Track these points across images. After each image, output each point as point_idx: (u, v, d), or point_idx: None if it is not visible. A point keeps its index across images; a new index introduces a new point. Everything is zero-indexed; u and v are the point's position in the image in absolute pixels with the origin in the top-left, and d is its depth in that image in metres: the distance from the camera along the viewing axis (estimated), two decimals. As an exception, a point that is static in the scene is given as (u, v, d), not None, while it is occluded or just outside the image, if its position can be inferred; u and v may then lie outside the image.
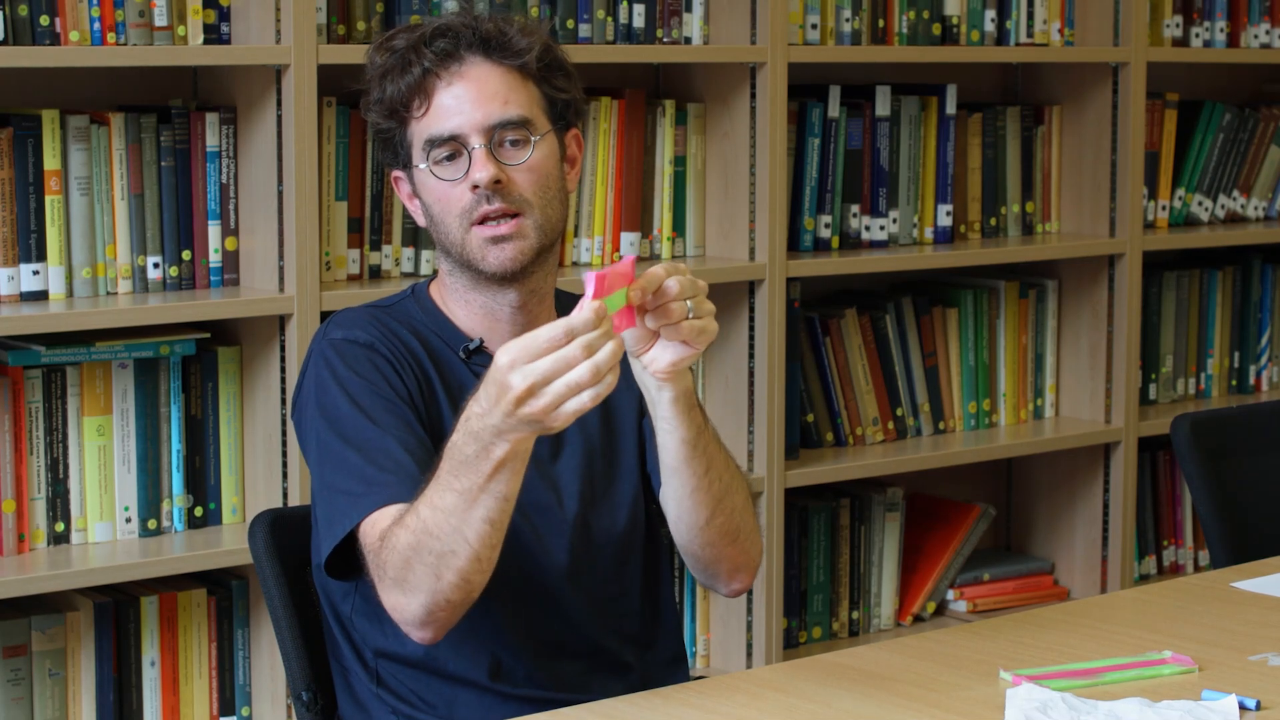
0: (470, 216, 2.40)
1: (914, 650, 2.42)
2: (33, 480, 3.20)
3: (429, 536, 2.20)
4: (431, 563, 2.20)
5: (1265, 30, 4.58)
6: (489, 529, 2.19)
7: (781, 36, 3.76)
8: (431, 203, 2.43)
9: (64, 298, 3.21)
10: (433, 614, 2.25)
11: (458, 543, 2.19)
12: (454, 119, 2.40)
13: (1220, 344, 4.65)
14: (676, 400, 2.30)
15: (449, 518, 2.18)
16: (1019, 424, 4.34)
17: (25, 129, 3.16)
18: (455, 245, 2.42)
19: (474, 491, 2.17)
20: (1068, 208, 4.38)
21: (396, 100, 2.42)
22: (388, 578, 2.25)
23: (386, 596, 2.26)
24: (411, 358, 2.43)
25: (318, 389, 2.40)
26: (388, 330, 2.44)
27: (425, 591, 2.22)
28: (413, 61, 2.41)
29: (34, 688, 3.18)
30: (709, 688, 2.34)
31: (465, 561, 2.20)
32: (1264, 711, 2.19)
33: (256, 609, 3.35)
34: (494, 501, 2.17)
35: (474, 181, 2.39)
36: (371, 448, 2.33)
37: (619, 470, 2.51)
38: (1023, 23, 4.21)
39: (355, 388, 2.37)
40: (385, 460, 2.32)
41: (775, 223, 3.79)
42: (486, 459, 2.15)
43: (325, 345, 2.42)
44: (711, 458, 2.36)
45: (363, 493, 2.31)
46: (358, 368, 2.39)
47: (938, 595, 4.25)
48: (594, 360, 2.06)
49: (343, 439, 2.35)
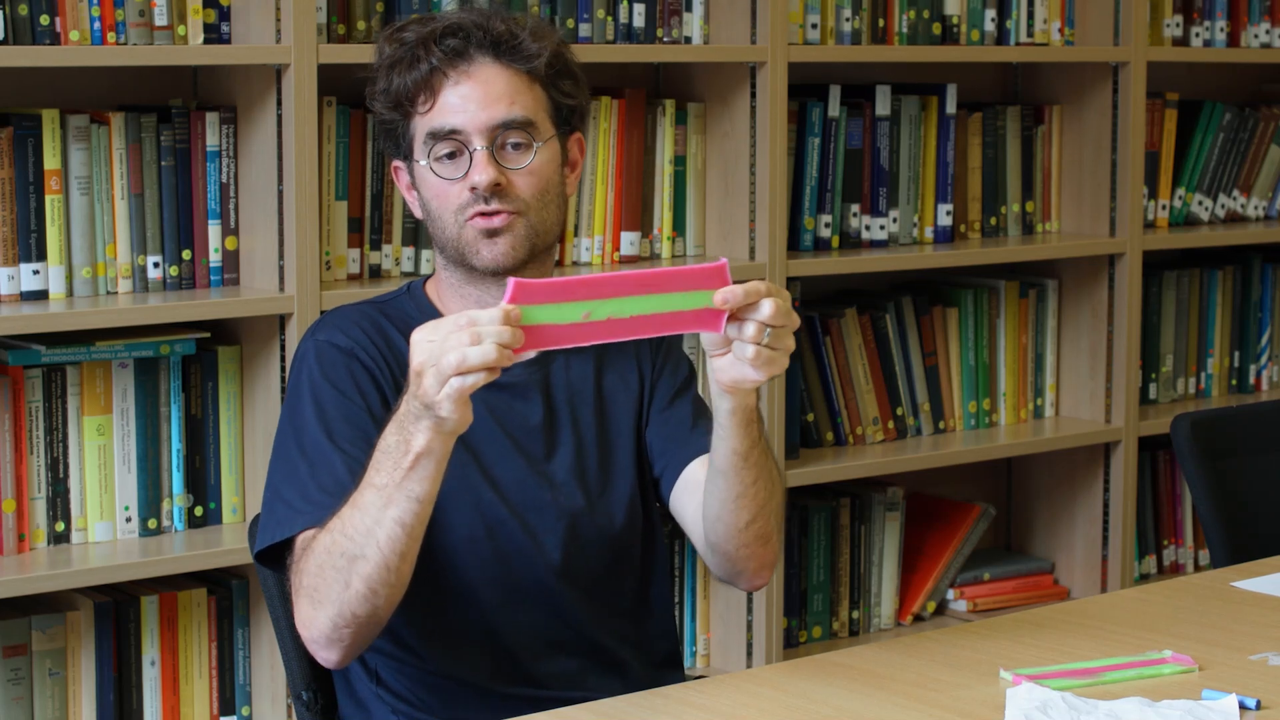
0: (466, 211, 2.41)
1: (914, 650, 2.42)
2: (33, 480, 3.20)
3: (344, 537, 2.21)
4: (342, 567, 2.22)
5: (1265, 30, 4.58)
6: (400, 532, 2.19)
7: (781, 36, 3.76)
8: (430, 198, 2.44)
9: (64, 297, 3.21)
10: (338, 629, 2.25)
11: (369, 546, 2.20)
12: (458, 117, 2.40)
13: (1220, 344, 4.65)
14: (734, 413, 2.30)
15: (364, 516, 2.20)
16: (1019, 424, 4.34)
17: (25, 129, 3.16)
18: (450, 240, 2.43)
19: (390, 488, 2.18)
20: (1068, 207, 4.38)
21: (402, 93, 2.42)
22: (302, 588, 2.27)
23: (298, 611, 2.28)
24: (395, 362, 2.42)
25: (293, 388, 2.43)
26: (376, 331, 2.45)
27: (333, 602, 2.23)
28: (421, 56, 2.41)
29: (34, 688, 3.18)
30: (709, 688, 2.34)
31: (374, 568, 2.21)
32: (1264, 711, 2.19)
33: (256, 609, 3.35)
34: (407, 502, 2.18)
35: (473, 183, 2.39)
36: (321, 464, 2.35)
37: (614, 469, 2.51)
38: (1023, 22, 4.21)
39: (325, 396, 2.39)
40: (328, 480, 2.33)
41: (775, 222, 3.79)
42: (405, 451, 2.16)
43: (310, 344, 2.44)
44: (760, 470, 2.36)
45: (300, 510, 2.33)
46: (332, 375, 2.40)
47: (938, 595, 4.25)
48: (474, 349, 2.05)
49: (299, 446, 2.37)
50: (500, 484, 2.44)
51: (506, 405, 2.46)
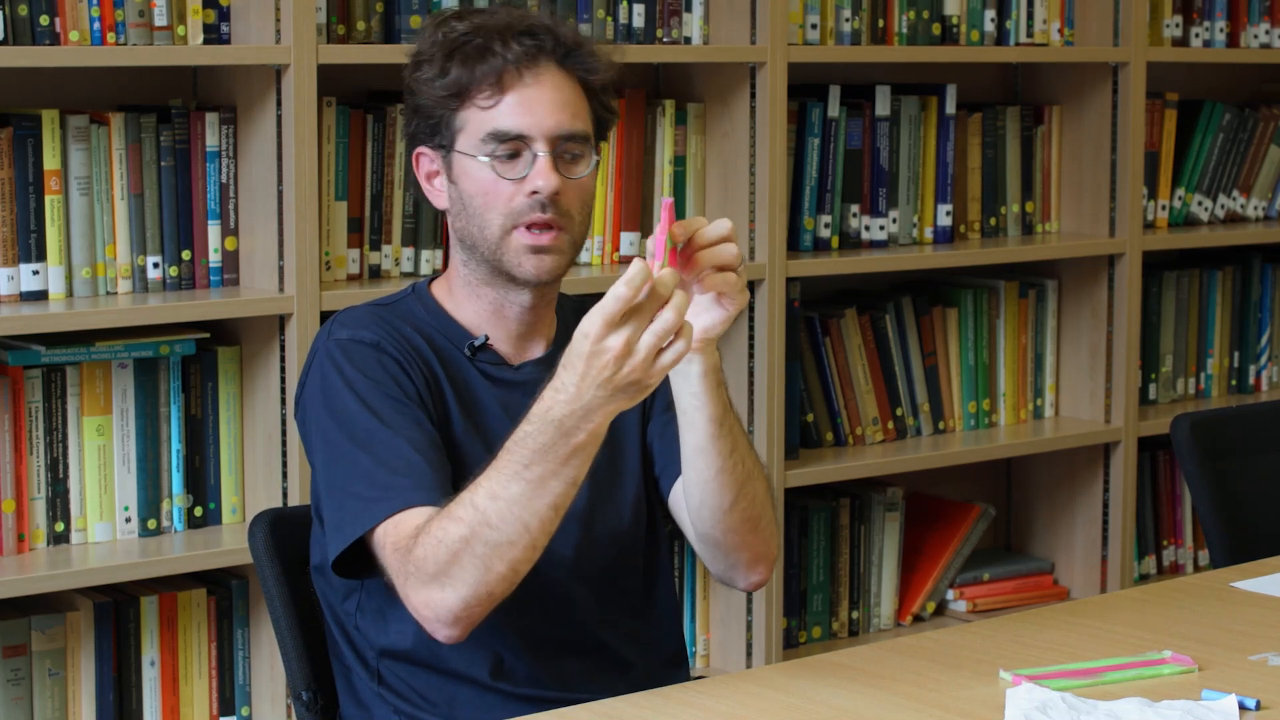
0: (518, 219, 2.38)
1: (914, 650, 2.42)
2: (32, 480, 3.20)
3: (486, 527, 2.19)
4: (483, 554, 2.20)
5: (1265, 30, 4.59)
6: (553, 515, 2.20)
7: (781, 36, 3.76)
8: (474, 193, 2.40)
9: (64, 297, 3.21)
10: (469, 608, 2.24)
11: (518, 531, 2.19)
12: (525, 119, 2.37)
13: (1220, 344, 4.65)
14: (706, 375, 2.30)
15: (512, 506, 2.18)
16: (1019, 424, 4.34)
17: (25, 129, 3.16)
18: (488, 242, 2.40)
19: (546, 478, 2.17)
20: (1068, 208, 4.38)
21: (463, 83, 2.38)
22: (425, 573, 2.23)
23: (418, 593, 2.24)
24: (418, 355, 2.42)
25: (324, 390, 2.38)
26: (392, 328, 2.43)
27: (469, 584, 2.21)
28: (493, 50, 2.37)
29: (34, 688, 3.18)
30: (709, 688, 2.34)
31: (521, 551, 2.20)
32: (1264, 711, 2.19)
33: (256, 609, 3.35)
34: (563, 486, 2.18)
35: (535, 188, 2.37)
36: (383, 450, 2.32)
37: (622, 469, 2.51)
38: (1022, 23, 4.21)
39: (363, 388, 2.36)
40: (398, 462, 2.31)
41: (775, 222, 3.79)
42: (566, 444, 2.15)
43: (331, 345, 2.40)
44: (736, 438, 2.36)
45: (377, 497, 2.30)
46: (365, 368, 2.37)
47: (937, 595, 4.25)
48: (674, 302, 2.08)
49: (352, 440, 2.34)
50: None
51: (520, 403, 2.44)
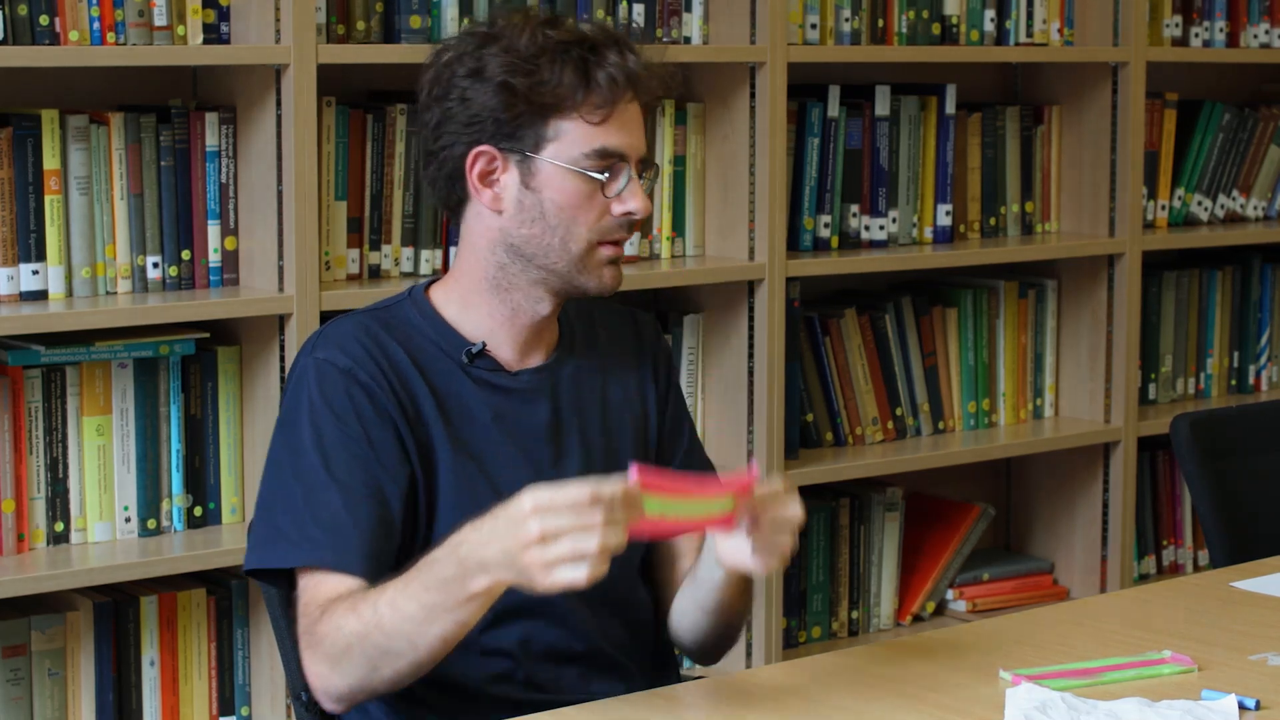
0: (605, 236, 2.38)
1: (914, 650, 2.42)
2: (32, 480, 3.20)
3: (379, 631, 2.20)
4: (372, 655, 2.22)
5: (1265, 30, 4.58)
6: (440, 646, 2.20)
7: (781, 36, 3.76)
8: (563, 205, 2.36)
9: (63, 297, 3.21)
10: (354, 693, 2.27)
11: (405, 647, 2.20)
12: (626, 139, 2.37)
13: (1220, 344, 4.65)
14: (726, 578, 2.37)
15: (405, 623, 2.19)
16: (1019, 424, 4.34)
17: (25, 129, 3.16)
18: (568, 253, 2.38)
19: (439, 610, 2.17)
20: (1067, 208, 4.38)
21: (570, 92, 2.34)
22: (320, 650, 2.26)
23: (311, 664, 2.27)
24: (397, 376, 2.38)
25: (290, 408, 2.38)
26: (375, 344, 2.39)
27: (355, 676, 2.24)
28: (601, 63, 2.35)
29: (34, 688, 3.18)
30: (709, 688, 2.34)
31: (407, 665, 2.22)
32: (1264, 711, 2.19)
33: (256, 609, 3.35)
34: (454, 626, 2.18)
35: (631, 209, 2.37)
36: (317, 496, 2.32)
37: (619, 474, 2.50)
38: (1022, 23, 4.21)
39: (323, 420, 2.34)
40: (325, 515, 2.31)
41: (775, 222, 3.79)
42: (462, 587, 2.15)
43: (309, 363, 2.39)
44: (735, 598, 2.42)
45: (296, 542, 2.31)
46: (331, 398, 2.35)
47: (937, 595, 4.25)
48: (605, 537, 2.05)
49: (295, 471, 2.34)
50: (505, 493, 2.41)
51: (514, 411, 2.44)
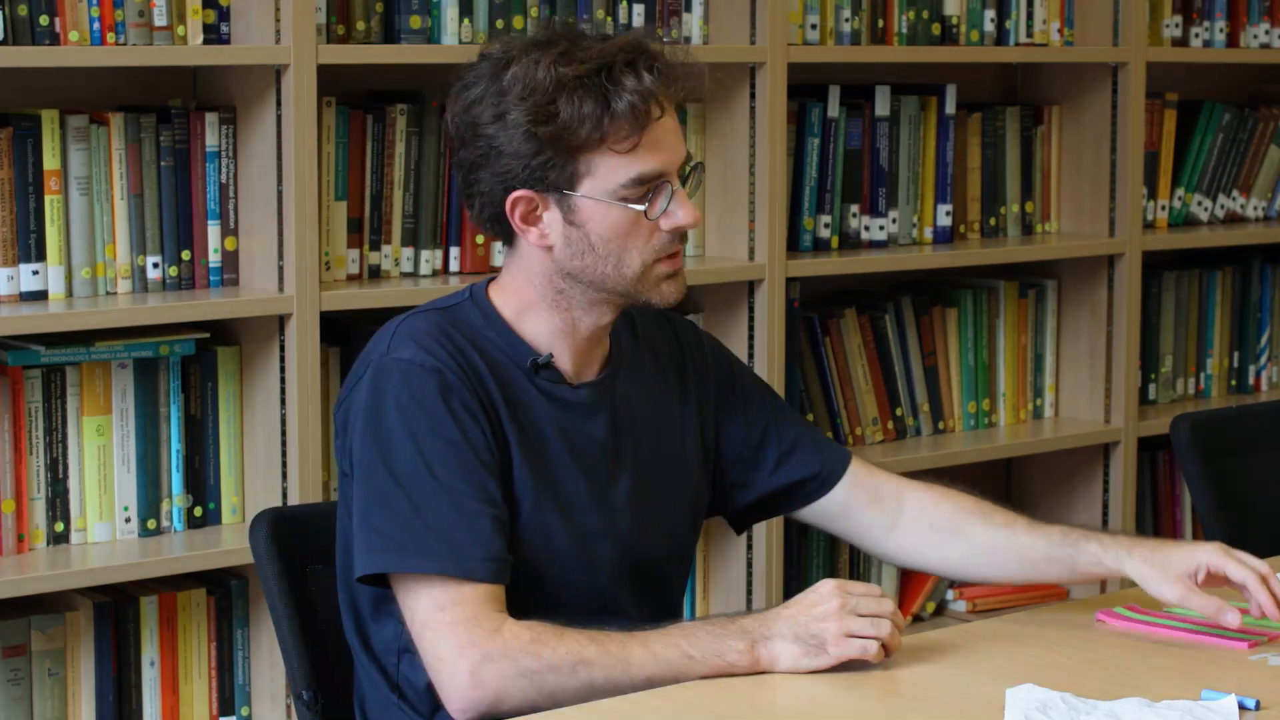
0: (659, 254, 2.33)
1: (914, 650, 2.42)
2: (32, 480, 3.20)
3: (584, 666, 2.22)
4: (549, 688, 2.21)
5: (1265, 30, 4.58)
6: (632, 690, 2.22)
7: (781, 36, 3.76)
8: (610, 237, 2.31)
9: (64, 297, 3.21)
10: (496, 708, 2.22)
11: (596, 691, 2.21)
12: (662, 157, 2.30)
13: (1220, 344, 4.65)
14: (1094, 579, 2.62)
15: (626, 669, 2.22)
16: (1019, 424, 4.34)
17: (25, 129, 3.16)
18: (625, 279, 2.33)
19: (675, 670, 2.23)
20: (1067, 208, 4.38)
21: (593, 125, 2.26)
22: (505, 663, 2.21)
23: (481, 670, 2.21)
24: (476, 378, 2.33)
25: (374, 410, 2.29)
26: (454, 348, 2.33)
27: (512, 701, 2.21)
28: (620, 91, 2.26)
29: (34, 688, 3.18)
30: (709, 688, 2.34)
31: (577, 699, 2.21)
32: (1264, 711, 2.19)
33: (256, 609, 3.35)
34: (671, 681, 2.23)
35: (680, 223, 2.32)
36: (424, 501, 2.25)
37: (663, 496, 2.49)
38: (1022, 23, 4.21)
39: (418, 425, 2.27)
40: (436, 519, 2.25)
41: (775, 223, 3.79)
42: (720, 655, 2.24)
43: (389, 364, 2.30)
44: None
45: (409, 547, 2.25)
46: (424, 400, 2.28)
47: (937, 595, 4.25)
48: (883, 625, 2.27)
49: (394, 478, 2.26)
50: (565, 511, 2.38)
51: (578, 427, 2.40)
